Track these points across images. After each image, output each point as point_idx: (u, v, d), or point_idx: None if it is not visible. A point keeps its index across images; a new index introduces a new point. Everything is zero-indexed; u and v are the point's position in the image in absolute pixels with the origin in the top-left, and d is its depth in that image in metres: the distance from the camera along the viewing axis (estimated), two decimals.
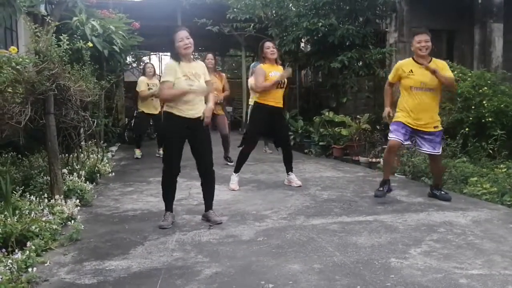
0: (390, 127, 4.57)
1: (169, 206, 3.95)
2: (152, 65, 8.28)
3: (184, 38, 3.71)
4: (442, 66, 4.52)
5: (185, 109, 3.74)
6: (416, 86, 4.44)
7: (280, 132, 5.44)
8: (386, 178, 4.58)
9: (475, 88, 6.32)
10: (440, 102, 4.79)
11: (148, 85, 7.78)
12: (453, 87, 4.94)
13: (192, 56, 3.94)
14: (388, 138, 4.57)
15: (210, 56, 7.02)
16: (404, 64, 4.58)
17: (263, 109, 5.24)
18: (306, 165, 6.97)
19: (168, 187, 3.93)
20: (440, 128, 4.57)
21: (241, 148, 5.40)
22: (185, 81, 3.71)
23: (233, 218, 4.03)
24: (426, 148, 4.54)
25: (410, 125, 4.46)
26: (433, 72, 4.37)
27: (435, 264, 2.87)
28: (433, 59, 4.54)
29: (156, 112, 7.79)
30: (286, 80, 5.26)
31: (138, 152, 8.02)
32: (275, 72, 5.17)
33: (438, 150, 4.54)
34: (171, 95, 3.71)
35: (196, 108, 3.79)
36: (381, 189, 4.53)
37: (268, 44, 5.24)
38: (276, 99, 5.22)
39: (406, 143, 4.57)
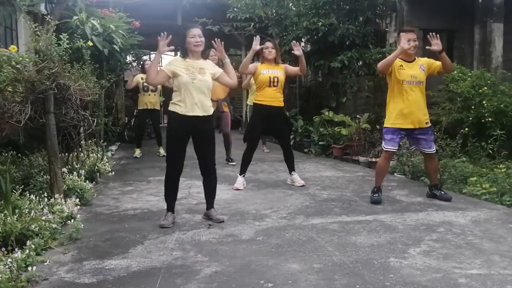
0: (385, 135, 4.54)
1: (170, 207, 3.93)
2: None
3: (196, 35, 3.74)
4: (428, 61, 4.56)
5: (188, 107, 3.72)
6: (408, 80, 4.43)
7: (279, 133, 5.44)
8: (379, 185, 4.59)
9: (475, 88, 6.32)
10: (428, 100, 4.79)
11: (142, 78, 7.77)
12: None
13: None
14: (384, 148, 4.55)
15: (212, 52, 7.06)
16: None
17: (259, 109, 5.28)
18: (306, 165, 6.97)
19: (170, 188, 3.90)
20: (430, 124, 4.58)
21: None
22: (187, 75, 3.71)
23: (232, 217, 4.04)
24: (423, 147, 4.54)
25: (402, 127, 4.44)
26: (440, 52, 4.32)
27: (434, 264, 2.87)
28: (417, 58, 4.57)
29: (152, 107, 7.93)
30: (279, 79, 5.17)
31: (138, 152, 8.05)
32: (269, 71, 5.17)
33: (434, 148, 4.59)
34: (151, 66, 3.74)
35: (199, 106, 3.74)
36: (377, 195, 4.52)
37: (268, 44, 5.24)
38: (270, 99, 5.19)
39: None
